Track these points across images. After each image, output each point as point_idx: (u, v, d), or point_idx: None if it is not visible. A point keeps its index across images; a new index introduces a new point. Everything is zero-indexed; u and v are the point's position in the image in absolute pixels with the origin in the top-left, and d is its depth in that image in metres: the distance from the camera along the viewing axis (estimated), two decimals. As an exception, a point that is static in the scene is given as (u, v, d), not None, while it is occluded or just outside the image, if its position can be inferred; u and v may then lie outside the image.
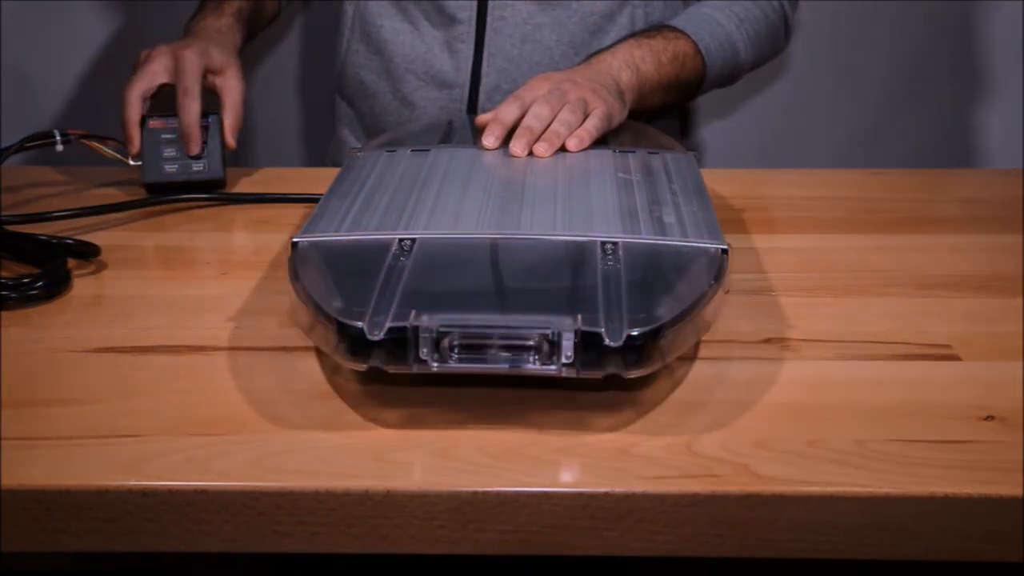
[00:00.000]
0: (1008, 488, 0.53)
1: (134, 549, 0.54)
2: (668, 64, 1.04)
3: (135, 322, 0.71)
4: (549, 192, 0.77)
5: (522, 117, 0.89)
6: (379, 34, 1.16)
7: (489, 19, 1.12)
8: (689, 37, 1.07)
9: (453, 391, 0.61)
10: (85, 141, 0.96)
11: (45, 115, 1.47)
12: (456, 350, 0.57)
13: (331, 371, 0.64)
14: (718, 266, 0.65)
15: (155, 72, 0.99)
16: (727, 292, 0.67)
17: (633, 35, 1.07)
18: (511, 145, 0.86)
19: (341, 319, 0.57)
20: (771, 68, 1.32)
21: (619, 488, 0.53)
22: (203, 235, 0.90)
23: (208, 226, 0.92)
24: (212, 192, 0.97)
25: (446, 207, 0.73)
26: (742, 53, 1.11)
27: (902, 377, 0.65)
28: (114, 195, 0.98)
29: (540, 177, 0.81)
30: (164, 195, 0.95)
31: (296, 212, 0.93)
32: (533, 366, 0.58)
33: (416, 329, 0.57)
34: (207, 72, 1.00)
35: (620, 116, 0.96)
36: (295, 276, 0.63)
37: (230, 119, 1.00)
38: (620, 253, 0.64)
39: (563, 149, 0.88)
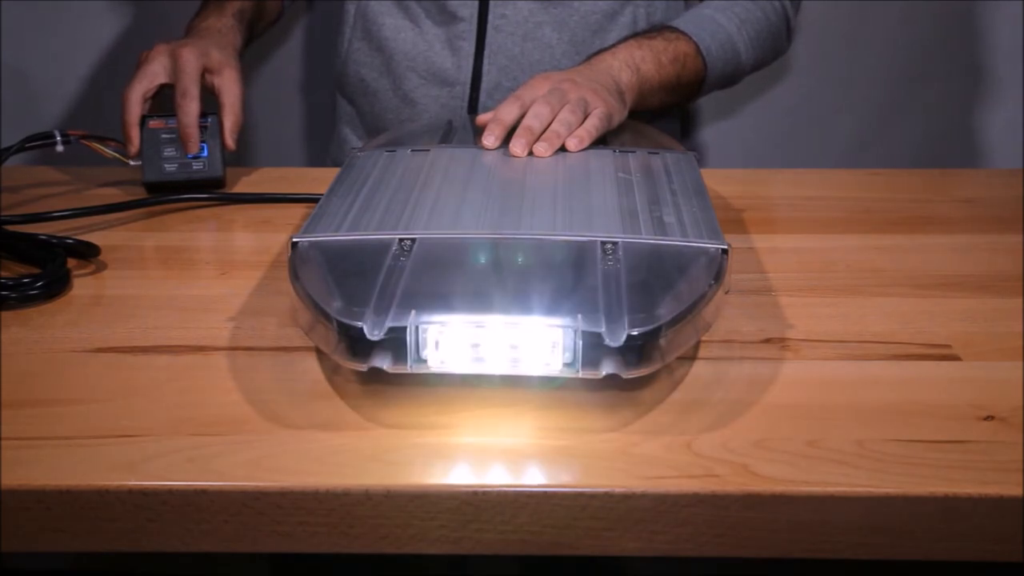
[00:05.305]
0: (1008, 488, 0.53)
1: (134, 549, 0.54)
2: (669, 65, 1.04)
3: (135, 322, 0.71)
4: (549, 192, 0.77)
5: (522, 117, 0.89)
6: (380, 32, 1.16)
7: (490, 17, 1.12)
8: (690, 38, 1.07)
9: (453, 391, 0.61)
10: (85, 141, 0.96)
11: (45, 115, 1.47)
12: (456, 350, 0.58)
13: (331, 371, 0.64)
14: (718, 266, 0.65)
15: (154, 73, 0.99)
16: (727, 292, 0.67)
17: (634, 35, 1.07)
18: (511, 145, 0.86)
19: (341, 319, 0.57)
20: (772, 69, 1.32)
21: (619, 488, 0.53)
22: (203, 235, 0.90)
23: (208, 226, 0.92)
24: (212, 192, 0.97)
25: (446, 207, 0.72)
26: (743, 55, 1.11)
27: (902, 377, 0.64)
28: (114, 195, 0.98)
29: (540, 177, 0.81)
30: (164, 195, 0.95)
31: (296, 212, 0.93)
32: (533, 366, 0.58)
33: (416, 329, 0.57)
34: (206, 72, 1.00)
35: (620, 116, 0.96)
36: (295, 276, 0.63)
37: (229, 120, 1.00)
38: (620, 253, 0.64)
39: (563, 149, 0.88)
